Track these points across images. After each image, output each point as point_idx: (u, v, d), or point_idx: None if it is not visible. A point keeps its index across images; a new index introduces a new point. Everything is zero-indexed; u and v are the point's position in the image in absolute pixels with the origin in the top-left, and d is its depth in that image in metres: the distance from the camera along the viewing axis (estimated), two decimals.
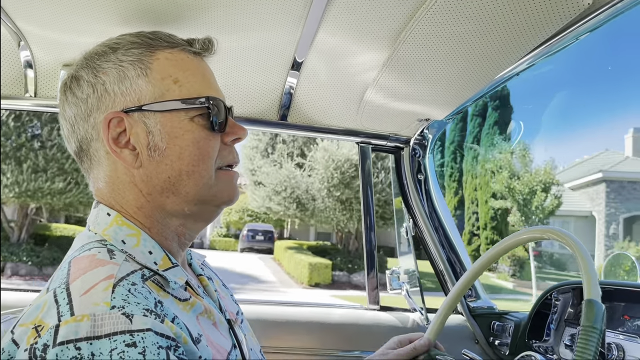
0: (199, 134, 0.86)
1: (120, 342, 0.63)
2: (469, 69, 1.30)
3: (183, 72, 0.88)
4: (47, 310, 0.67)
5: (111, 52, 0.89)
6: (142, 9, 1.11)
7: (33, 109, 1.50)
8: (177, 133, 0.86)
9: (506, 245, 1.18)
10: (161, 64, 0.88)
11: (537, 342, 1.54)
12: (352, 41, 1.25)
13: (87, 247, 0.80)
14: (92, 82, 0.88)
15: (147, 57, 0.88)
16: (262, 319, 1.76)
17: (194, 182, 0.87)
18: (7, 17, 1.17)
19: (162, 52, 0.89)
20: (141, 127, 0.85)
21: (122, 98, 0.86)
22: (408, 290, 1.92)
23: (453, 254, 1.89)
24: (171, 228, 0.89)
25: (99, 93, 0.87)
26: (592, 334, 0.81)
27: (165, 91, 0.86)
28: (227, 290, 1.14)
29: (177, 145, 0.85)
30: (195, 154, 0.86)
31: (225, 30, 1.21)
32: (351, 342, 1.78)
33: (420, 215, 1.89)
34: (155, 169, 0.86)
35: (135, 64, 0.87)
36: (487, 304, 1.86)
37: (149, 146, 0.86)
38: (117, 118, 0.85)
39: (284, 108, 1.61)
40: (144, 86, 0.86)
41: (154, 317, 0.68)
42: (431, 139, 1.85)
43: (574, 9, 1.01)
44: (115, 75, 0.87)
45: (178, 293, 0.81)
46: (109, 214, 0.86)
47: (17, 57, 1.35)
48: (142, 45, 0.88)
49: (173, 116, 0.86)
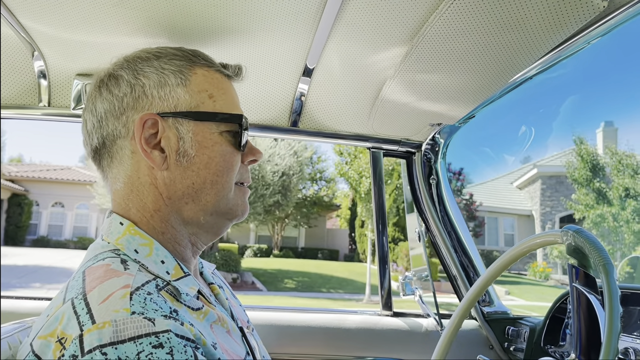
0: (226, 148, 0.91)
1: (146, 345, 0.63)
2: (481, 74, 1.30)
3: (217, 90, 0.93)
4: (67, 321, 0.67)
5: (154, 58, 0.93)
6: (155, 19, 1.12)
7: (47, 118, 1.51)
8: (207, 143, 0.90)
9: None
10: (199, 78, 0.92)
11: (553, 347, 1.52)
12: (364, 46, 1.25)
13: (101, 257, 0.81)
14: (132, 83, 0.90)
15: (187, 70, 0.92)
16: (275, 325, 1.75)
17: (216, 192, 0.90)
18: (21, 27, 1.18)
19: (201, 69, 0.94)
20: (173, 132, 0.89)
21: (159, 102, 0.89)
22: (421, 295, 1.90)
23: (466, 259, 1.87)
24: (184, 235, 0.91)
25: (137, 94, 0.90)
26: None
27: (201, 103, 0.91)
28: (236, 300, 1.15)
29: (206, 154, 0.89)
30: (222, 165, 0.90)
31: (236, 37, 1.21)
32: (364, 348, 1.77)
33: (432, 220, 1.88)
34: (181, 173, 0.89)
35: (176, 74, 0.91)
36: (501, 308, 1.84)
37: (179, 151, 0.89)
38: (152, 120, 0.88)
39: (295, 114, 1.61)
40: (182, 95, 0.90)
41: (174, 321, 0.68)
42: (443, 144, 1.85)
43: (589, 12, 1.01)
44: (156, 80, 0.90)
45: (191, 302, 0.81)
46: (121, 223, 0.87)
47: (30, 67, 1.37)
48: (184, 58, 0.94)
49: (205, 127, 0.90)
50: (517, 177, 22.83)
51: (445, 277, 1.91)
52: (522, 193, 22.57)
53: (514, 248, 1.17)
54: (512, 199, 22.77)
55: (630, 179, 15.03)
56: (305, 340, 1.76)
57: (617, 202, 15.27)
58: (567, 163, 16.95)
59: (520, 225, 22.43)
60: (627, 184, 14.94)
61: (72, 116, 1.52)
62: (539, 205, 20.36)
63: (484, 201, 22.16)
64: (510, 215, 22.67)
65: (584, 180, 16.20)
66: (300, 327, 1.76)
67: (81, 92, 1.40)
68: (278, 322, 1.76)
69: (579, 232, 0.95)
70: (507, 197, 22.96)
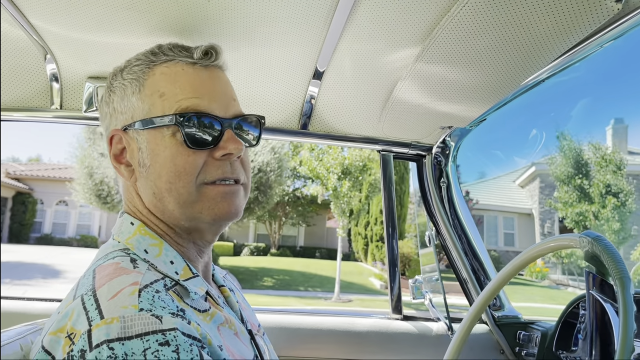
0: (176, 150, 0.84)
1: (153, 342, 0.64)
2: (493, 76, 1.29)
3: (171, 85, 0.87)
4: (77, 317, 0.68)
5: (119, 72, 0.93)
6: (166, 21, 1.12)
7: (58, 121, 1.52)
8: (158, 150, 0.85)
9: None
10: (155, 80, 0.88)
11: (565, 352, 1.51)
12: (376, 47, 1.24)
13: (111, 256, 0.82)
14: (107, 101, 0.93)
15: (145, 74, 0.89)
16: (285, 328, 1.75)
17: (174, 199, 0.85)
18: (34, 30, 1.18)
19: (160, 67, 0.89)
20: (135, 144, 0.88)
21: (121, 116, 0.90)
22: (431, 299, 1.90)
23: (477, 262, 1.86)
24: (183, 236, 0.91)
25: (110, 111, 0.92)
26: None
27: (152, 106, 0.87)
28: (247, 304, 1.15)
29: (158, 162, 0.85)
30: (172, 170, 0.84)
31: (247, 41, 1.21)
32: (374, 352, 1.77)
33: (443, 224, 1.87)
34: (143, 185, 0.88)
35: (133, 82, 0.89)
36: (513, 313, 1.83)
37: (140, 163, 0.88)
38: (117, 135, 0.90)
39: (305, 117, 1.61)
40: (135, 103, 0.88)
41: (181, 319, 0.69)
42: (454, 147, 1.84)
43: (603, 15, 1.00)
44: (120, 94, 0.90)
45: (197, 304, 0.81)
46: (132, 223, 0.88)
47: (43, 70, 1.37)
48: (144, 62, 0.90)
49: (157, 133, 0.86)
50: (518, 175, 22.76)
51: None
52: (523, 191, 22.48)
53: (526, 251, 1.17)
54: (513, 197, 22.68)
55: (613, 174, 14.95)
56: (315, 343, 1.75)
57: (598, 199, 15.19)
58: (550, 159, 16.87)
59: (521, 225, 22.32)
60: (608, 180, 14.87)
61: (84, 119, 1.52)
62: (538, 204, 20.27)
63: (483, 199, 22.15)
64: (511, 214, 22.56)
65: (565, 177, 16.13)
66: (310, 329, 1.76)
67: (92, 95, 1.40)
68: (288, 324, 1.76)
69: (597, 240, 0.94)
70: (507, 195, 22.85)
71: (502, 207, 22.53)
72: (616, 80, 23.19)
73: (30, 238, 24.01)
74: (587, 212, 15.54)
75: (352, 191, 14.17)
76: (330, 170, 14.15)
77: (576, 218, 15.71)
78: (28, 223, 24.07)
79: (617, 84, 22.81)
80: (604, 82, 23.37)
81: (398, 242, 1.93)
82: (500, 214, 22.71)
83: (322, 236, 26.69)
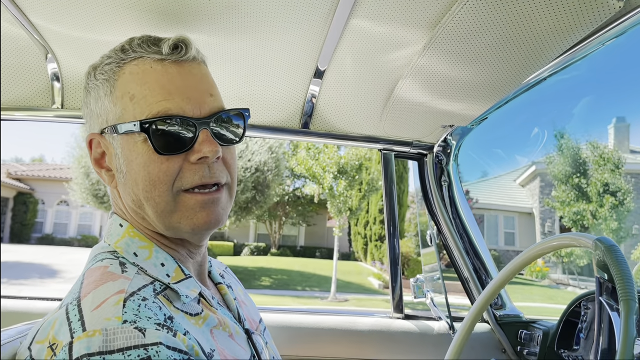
0: (148, 157, 0.79)
1: (135, 357, 0.63)
2: (495, 74, 1.28)
3: (141, 87, 0.81)
4: (59, 327, 0.67)
5: (93, 71, 0.87)
6: (167, 19, 1.11)
7: (60, 120, 1.52)
8: (132, 156, 0.81)
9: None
10: (125, 80, 0.82)
11: (567, 351, 1.50)
12: (376, 47, 1.24)
13: (100, 258, 0.80)
14: (86, 102, 0.88)
15: (115, 74, 0.83)
16: (286, 327, 1.75)
17: (152, 208, 0.81)
18: (35, 29, 1.18)
19: (129, 65, 0.83)
20: (112, 148, 0.84)
21: (97, 119, 0.85)
22: (433, 298, 1.89)
23: (478, 261, 1.86)
24: (171, 239, 0.87)
25: (89, 113, 0.87)
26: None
27: (123, 110, 0.81)
28: (248, 299, 1.12)
29: (133, 169, 0.81)
30: (146, 179, 0.79)
31: (248, 40, 1.21)
32: (375, 351, 1.76)
33: (444, 223, 1.87)
34: (123, 191, 0.85)
35: (105, 83, 0.84)
36: (514, 312, 1.83)
37: (117, 168, 0.84)
38: (95, 139, 0.85)
39: (306, 116, 1.60)
40: (108, 106, 0.83)
41: (166, 331, 0.67)
42: (455, 146, 1.83)
43: (605, 13, 0.99)
44: (94, 95, 0.85)
45: (189, 308, 0.79)
46: (121, 225, 0.86)
47: (44, 69, 1.36)
48: (114, 60, 0.84)
49: (129, 138, 0.80)
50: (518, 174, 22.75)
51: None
52: (523, 191, 22.46)
53: (528, 250, 1.16)
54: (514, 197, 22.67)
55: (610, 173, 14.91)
56: (316, 342, 1.75)
57: (596, 198, 15.13)
58: (547, 158, 16.82)
59: (521, 224, 22.30)
60: (606, 179, 14.82)
61: None
62: (539, 203, 20.25)
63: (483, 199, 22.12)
64: (511, 213, 22.54)
65: (563, 176, 16.09)
66: (311, 328, 1.76)
67: None
68: (289, 323, 1.76)
69: (610, 251, 0.91)
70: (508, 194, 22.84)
71: (502, 206, 22.53)
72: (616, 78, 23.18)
73: (32, 238, 24.06)
74: (584, 211, 15.50)
75: (348, 190, 14.11)
76: (326, 169, 14.02)
77: (574, 217, 15.68)
78: (29, 223, 24.12)
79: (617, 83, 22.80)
80: (604, 81, 23.36)
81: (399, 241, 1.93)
82: (500, 213, 22.71)
83: (322, 236, 26.67)
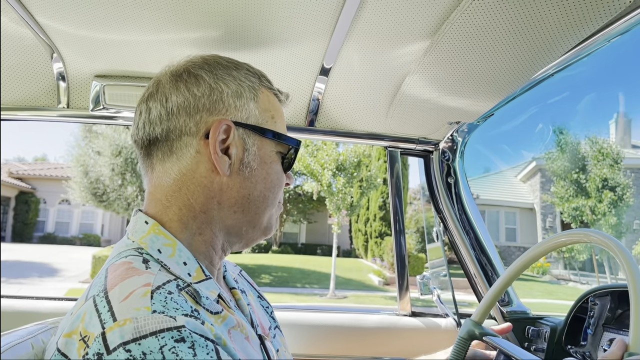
0: (279, 167, 0.95)
1: (168, 339, 0.63)
2: (502, 71, 1.28)
3: (276, 112, 0.97)
4: (89, 319, 0.68)
5: (233, 68, 0.95)
6: (173, 18, 1.11)
7: (65, 120, 1.51)
8: (267, 159, 0.93)
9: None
10: (265, 98, 0.96)
11: (574, 347, 1.50)
12: (384, 42, 1.23)
13: (124, 255, 0.81)
14: (212, 86, 0.90)
15: (257, 87, 0.95)
16: (293, 325, 1.75)
17: (264, 207, 0.94)
18: (41, 29, 1.17)
19: (265, 90, 0.97)
20: (240, 142, 0.91)
21: (234, 111, 0.91)
22: (439, 295, 1.89)
23: (485, 258, 1.86)
24: (220, 240, 0.92)
25: (215, 98, 0.90)
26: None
27: (265, 122, 0.94)
28: (263, 302, 1.14)
29: (265, 170, 0.93)
30: (275, 183, 0.95)
31: (253, 38, 1.20)
32: (382, 349, 1.76)
33: (450, 219, 1.87)
34: (240, 183, 0.90)
35: (250, 89, 0.94)
36: (521, 308, 1.82)
37: (243, 161, 0.91)
38: (227, 126, 0.89)
39: (312, 114, 1.60)
40: (253, 109, 0.93)
41: (194, 320, 0.68)
42: (461, 142, 1.83)
43: (614, 8, 0.99)
44: (234, 89, 0.92)
45: (210, 306, 0.80)
46: (146, 222, 0.87)
47: (50, 69, 1.36)
48: (254, 75, 0.97)
49: (268, 144, 0.94)
50: (519, 170, 22.75)
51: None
52: (524, 186, 22.46)
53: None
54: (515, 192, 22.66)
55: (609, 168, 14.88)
56: (322, 340, 1.75)
57: (595, 194, 15.11)
58: (547, 154, 16.80)
59: (522, 219, 22.30)
60: (605, 174, 14.79)
61: (91, 117, 1.51)
62: (540, 199, 20.25)
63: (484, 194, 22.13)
64: (512, 209, 22.54)
65: (561, 172, 16.07)
66: (317, 326, 1.76)
67: (100, 94, 1.40)
68: (295, 321, 1.76)
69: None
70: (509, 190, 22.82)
71: (503, 202, 22.54)
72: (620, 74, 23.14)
73: (34, 237, 24.11)
74: (583, 206, 15.49)
75: (347, 187, 14.09)
76: (325, 166, 13.98)
77: (573, 213, 15.67)
78: (31, 222, 24.18)
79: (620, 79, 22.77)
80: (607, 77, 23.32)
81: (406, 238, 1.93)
82: (502, 209, 22.71)
83: (324, 233, 26.69)
